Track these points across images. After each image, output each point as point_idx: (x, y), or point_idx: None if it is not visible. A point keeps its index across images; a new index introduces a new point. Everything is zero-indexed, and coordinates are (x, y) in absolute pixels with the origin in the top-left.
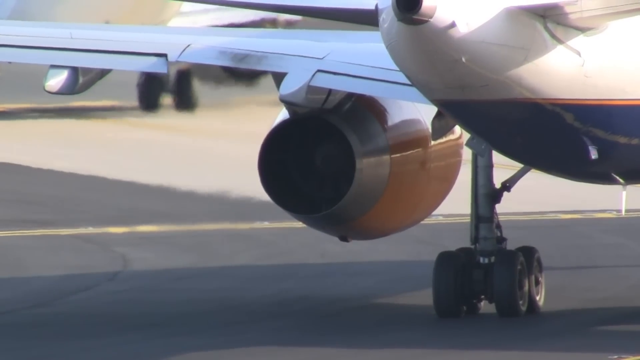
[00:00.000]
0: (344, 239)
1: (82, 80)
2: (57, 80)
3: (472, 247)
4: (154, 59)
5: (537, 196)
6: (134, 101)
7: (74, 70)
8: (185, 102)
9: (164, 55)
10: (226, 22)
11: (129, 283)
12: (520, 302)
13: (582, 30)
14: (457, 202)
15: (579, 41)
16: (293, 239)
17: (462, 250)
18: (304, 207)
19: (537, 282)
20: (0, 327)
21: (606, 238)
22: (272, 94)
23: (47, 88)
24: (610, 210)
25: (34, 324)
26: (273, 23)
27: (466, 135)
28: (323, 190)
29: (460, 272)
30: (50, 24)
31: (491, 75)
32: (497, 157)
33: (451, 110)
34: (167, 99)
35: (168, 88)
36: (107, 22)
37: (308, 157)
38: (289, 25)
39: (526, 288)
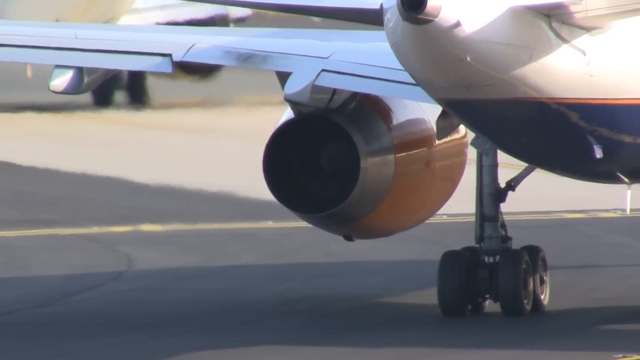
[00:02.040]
0: (348, 238)
1: (87, 80)
2: (62, 80)
3: (477, 246)
4: (158, 59)
5: (542, 195)
6: (86, 96)
7: (79, 70)
8: (138, 97)
9: (169, 55)
10: (179, 19)
11: (133, 283)
12: (525, 301)
13: (587, 29)
14: (462, 202)
15: (584, 40)
16: (297, 239)
17: (467, 249)
18: (309, 206)
19: (542, 281)
20: (5, 326)
21: (611, 237)
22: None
23: (51, 88)
24: (615, 210)
25: (38, 324)
26: (224, 20)
27: (471, 135)
28: (328, 190)
29: (465, 272)
30: (54, 24)
31: (496, 74)
32: (502, 157)
33: (456, 110)
34: (119, 95)
35: (121, 84)
36: (57, 20)
37: (313, 157)
38: (238, 21)
39: (531, 287)
